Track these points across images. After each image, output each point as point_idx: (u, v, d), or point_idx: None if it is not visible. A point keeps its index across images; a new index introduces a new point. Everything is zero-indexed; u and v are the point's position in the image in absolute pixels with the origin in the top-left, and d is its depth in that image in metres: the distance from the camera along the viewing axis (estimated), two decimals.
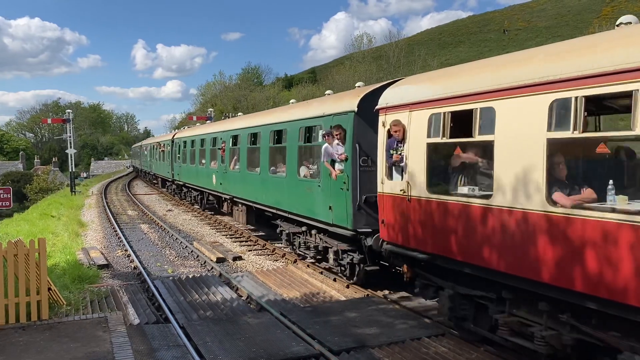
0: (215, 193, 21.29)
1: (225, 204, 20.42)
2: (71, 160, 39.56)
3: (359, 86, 12.02)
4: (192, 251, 15.81)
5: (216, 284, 11.72)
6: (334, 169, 10.61)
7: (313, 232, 12.18)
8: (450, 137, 7.43)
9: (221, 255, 14.52)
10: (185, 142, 27.29)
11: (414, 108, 8.14)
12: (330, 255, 11.57)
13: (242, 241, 17.43)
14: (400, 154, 8.33)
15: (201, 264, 14.39)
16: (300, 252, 13.41)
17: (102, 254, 15.17)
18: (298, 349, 7.63)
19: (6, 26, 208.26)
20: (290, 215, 13.18)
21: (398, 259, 8.97)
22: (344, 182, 10.28)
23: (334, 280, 11.78)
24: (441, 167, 7.95)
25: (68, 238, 17.41)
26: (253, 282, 11.95)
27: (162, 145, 35.17)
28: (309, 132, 12.58)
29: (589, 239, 5.40)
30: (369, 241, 9.88)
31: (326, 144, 10.65)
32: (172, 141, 30.71)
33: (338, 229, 10.71)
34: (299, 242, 13.20)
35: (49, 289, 8.94)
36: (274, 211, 14.34)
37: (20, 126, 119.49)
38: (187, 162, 26.54)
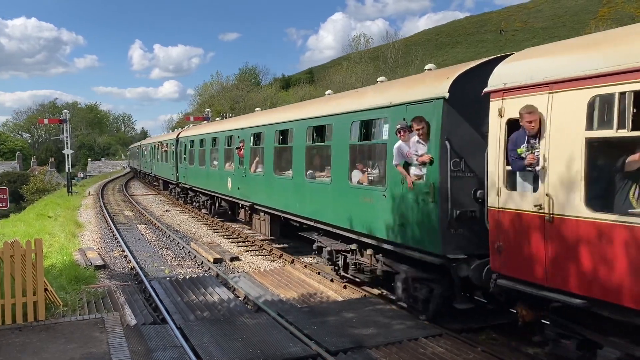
0: (230, 199, 18.57)
1: (242, 211, 17.75)
2: (68, 160, 39.48)
3: (429, 69, 9.77)
4: (189, 252, 15.79)
5: (213, 285, 11.71)
6: (408, 174, 8.40)
7: (368, 252, 9.86)
8: (636, 129, 5.16)
9: (218, 256, 14.50)
10: (192, 142, 24.65)
11: (558, 88, 5.85)
12: (398, 285, 9.12)
13: (240, 242, 17.41)
14: (535, 154, 6.14)
15: (198, 265, 14.38)
16: (347, 275, 11.10)
17: (99, 254, 15.14)
18: (295, 350, 7.63)
19: (3, 26, 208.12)
20: (334, 230, 10.90)
21: (512, 295, 7.03)
22: (427, 192, 7.96)
23: (331, 280, 11.77)
24: (614, 174, 5.66)
25: (65, 239, 17.38)
26: (250, 282, 11.95)
27: (164, 144, 32.33)
28: (367, 127, 10.26)
29: None
30: (464, 271, 7.58)
31: (400, 142, 8.42)
32: (177, 140, 28.06)
33: (413, 252, 8.44)
34: (346, 262, 10.86)
35: (46, 289, 8.92)
36: (311, 223, 11.99)
37: (17, 126, 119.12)
38: (195, 163, 23.77)
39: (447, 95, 7.71)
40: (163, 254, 15.97)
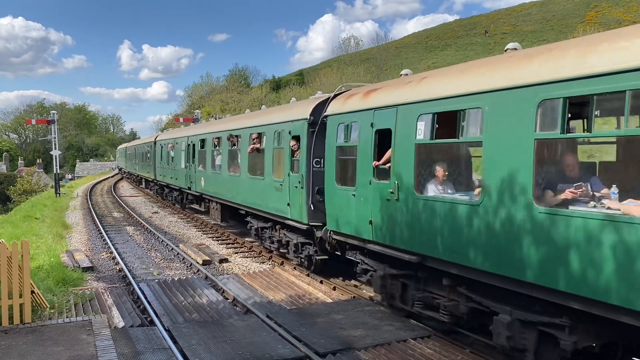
0: None
1: None
2: (56, 161, 39.10)
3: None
4: (178, 254, 15.72)
5: (202, 287, 11.67)
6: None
7: None
8: None
9: (207, 258, 14.45)
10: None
11: None
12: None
13: (229, 244, 17.37)
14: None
15: (187, 267, 14.31)
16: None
17: (86, 256, 15.02)
18: (284, 352, 7.63)
19: None
20: None
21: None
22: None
23: (321, 282, 11.77)
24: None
25: (52, 240, 17.23)
26: (239, 284, 11.92)
27: (253, 139, 14.66)
28: None
29: None
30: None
31: None
32: (316, 121, 11.43)
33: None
34: None
35: (32, 292, 8.84)
36: None
37: (4, 127, 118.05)
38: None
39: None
40: (152, 255, 15.88)
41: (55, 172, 39.91)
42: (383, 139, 9.01)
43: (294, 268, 13.18)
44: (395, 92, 8.93)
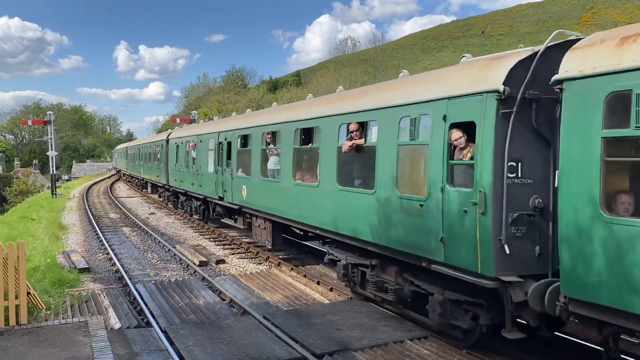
0: None
1: None
2: (52, 162, 39.04)
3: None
4: (174, 255, 15.69)
5: (199, 288, 11.66)
6: None
7: None
8: None
9: (204, 259, 14.44)
10: None
11: None
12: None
13: (226, 244, 17.35)
14: None
15: (184, 268, 14.29)
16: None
17: (83, 257, 14.98)
18: (281, 353, 7.63)
19: None
20: None
21: None
22: None
23: (318, 283, 11.78)
24: None
25: (48, 241, 17.19)
26: (236, 285, 11.91)
27: (351, 131, 9.72)
28: None
29: None
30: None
31: None
32: None
33: None
34: None
35: (28, 293, 8.82)
36: None
37: (0, 128, 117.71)
38: None
39: None
40: (148, 256, 15.85)
41: (51, 172, 39.85)
42: None
43: (291, 269, 13.17)
44: None
